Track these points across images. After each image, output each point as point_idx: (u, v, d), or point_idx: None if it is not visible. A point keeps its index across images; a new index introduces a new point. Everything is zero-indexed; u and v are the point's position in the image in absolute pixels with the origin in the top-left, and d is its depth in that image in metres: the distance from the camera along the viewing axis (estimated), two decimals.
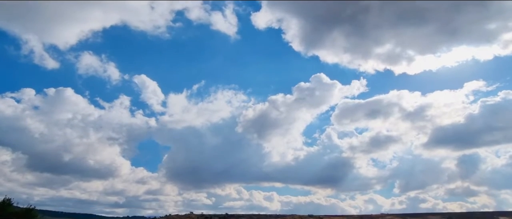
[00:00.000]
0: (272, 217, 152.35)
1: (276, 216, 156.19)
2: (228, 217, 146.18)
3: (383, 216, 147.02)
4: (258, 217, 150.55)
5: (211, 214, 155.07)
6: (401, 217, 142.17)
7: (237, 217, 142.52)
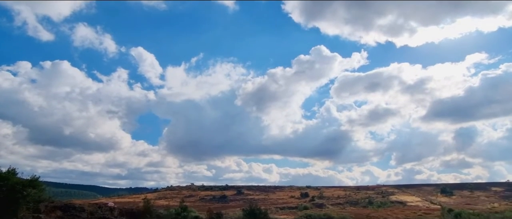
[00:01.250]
0: (271, 188, 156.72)
1: (275, 187, 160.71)
2: (228, 188, 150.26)
3: (378, 187, 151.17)
4: (257, 188, 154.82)
5: (211, 186, 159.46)
6: (396, 188, 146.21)
7: (237, 188, 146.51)
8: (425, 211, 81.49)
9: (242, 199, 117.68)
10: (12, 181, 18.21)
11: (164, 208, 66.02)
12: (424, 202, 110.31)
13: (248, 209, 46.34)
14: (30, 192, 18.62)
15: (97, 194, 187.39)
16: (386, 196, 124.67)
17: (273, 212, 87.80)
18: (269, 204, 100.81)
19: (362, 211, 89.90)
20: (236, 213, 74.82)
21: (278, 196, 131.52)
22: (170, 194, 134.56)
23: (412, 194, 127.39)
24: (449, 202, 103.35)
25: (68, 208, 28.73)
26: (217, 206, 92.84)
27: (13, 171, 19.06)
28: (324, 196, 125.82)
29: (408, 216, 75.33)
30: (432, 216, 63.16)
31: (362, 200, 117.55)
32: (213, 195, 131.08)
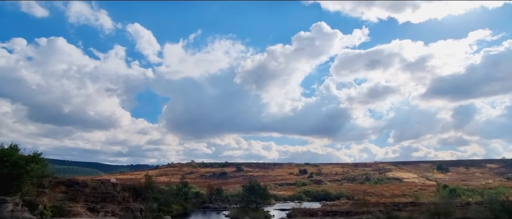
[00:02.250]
0: (270, 165, 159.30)
1: (274, 164, 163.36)
2: (228, 165, 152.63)
3: (376, 164, 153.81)
4: (256, 165, 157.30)
5: (211, 163, 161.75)
6: (393, 164, 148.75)
7: (237, 165, 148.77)
8: (420, 187, 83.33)
9: (242, 176, 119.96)
10: (14, 157, 18.32)
11: (165, 184, 67.30)
12: (420, 178, 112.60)
13: (248, 185, 47.12)
14: (33, 168, 18.80)
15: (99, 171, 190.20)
16: (383, 172, 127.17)
17: (272, 188, 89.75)
18: (268, 181, 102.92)
19: (359, 187, 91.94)
20: (236, 189, 76.43)
21: (277, 173, 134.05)
22: (171, 171, 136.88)
23: (409, 171, 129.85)
24: (445, 179, 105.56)
25: (71, 184, 29.23)
26: (217, 182, 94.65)
27: (15, 147, 19.14)
28: (322, 173, 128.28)
29: (404, 192, 77.10)
30: (428, 192, 64.57)
31: (360, 176, 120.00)
32: (213, 172, 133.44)
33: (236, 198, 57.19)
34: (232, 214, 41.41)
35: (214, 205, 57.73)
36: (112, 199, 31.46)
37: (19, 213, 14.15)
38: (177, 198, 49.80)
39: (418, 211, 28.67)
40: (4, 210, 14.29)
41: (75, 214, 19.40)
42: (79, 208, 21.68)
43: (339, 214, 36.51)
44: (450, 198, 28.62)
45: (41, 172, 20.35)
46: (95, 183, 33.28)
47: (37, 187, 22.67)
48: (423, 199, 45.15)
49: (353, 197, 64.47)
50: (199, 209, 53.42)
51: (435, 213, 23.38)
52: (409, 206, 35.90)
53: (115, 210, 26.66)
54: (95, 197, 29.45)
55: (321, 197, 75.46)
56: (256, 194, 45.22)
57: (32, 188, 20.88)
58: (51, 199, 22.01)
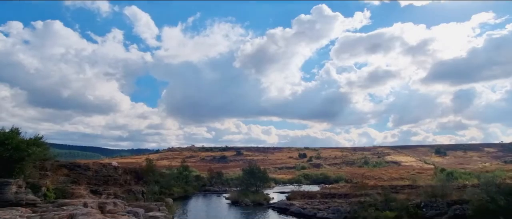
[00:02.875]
0: (270, 149, 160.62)
1: (274, 148, 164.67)
2: (228, 149, 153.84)
3: (375, 148, 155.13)
4: (256, 149, 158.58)
5: (211, 147, 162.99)
6: (392, 149, 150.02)
7: (237, 149, 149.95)
8: (418, 171, 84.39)
9: (242, 160, 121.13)
10: (16, 140, 18.39)
11: (166, 168, 68.07)
12: (418, 162, 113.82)
13: (248, 169, 47.67)
14: (35, 151, 18.91)
15: (100, 155, 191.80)
16: (382, 156, 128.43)
17: (272, 172, 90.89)
18: (268, 165, 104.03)
19: (358, 171, 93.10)
20: (236, 172, 77.40)
21: (277, 157, 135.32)
22: (171, 155, 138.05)
23: (407, 155, 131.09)
24: (442, 162, 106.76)
25: (73, 167, 29.59)
26: (217, 166, 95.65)
27: (16, 130, 19.19)
28: (321, 157, 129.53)
29: (402, 175, 78.15)
30: (425, 175, 65.40)
31: (358, 160, 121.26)
32: (213, 156, 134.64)
33: (236, 181, 57.98)
34: (232, 197, 42.08)
35: (214, 188, 58.59)
36: (114, 182, 31.90)
37: (23, 195, 14.35)
38: (178, 181, 50.50)
39: (415, 193, 29.15)
40: (8, 191, 14.50)
41: (78, 196, 19.72)
42: (82, 190, 22.02)
43: (337, 197, 37.12)
44: (447, 181, 29.02)
45: (43, 155, 20.50)
46: (96, 166, 33.63)
47: (40, 170, 22.91)
48: (420, 182, 45.78)
49: (351, 181, 65.41)
50: (200, 192, 54.24)
51: (432, 195, 23.75)
52: (406, 189, 36.45)
53: (117, 193, 27.08)
54: (97, 180, 29.86)
55: (320, 180, 76.47)
56: (256, 177, 45.81)
57: (35, 171, 21.09)
58: (54, 182, 22.30)
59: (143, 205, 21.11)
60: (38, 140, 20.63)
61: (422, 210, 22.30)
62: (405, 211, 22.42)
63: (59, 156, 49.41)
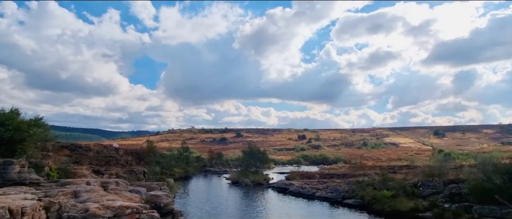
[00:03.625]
0: (269, 131, 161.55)
1: (274, 130, 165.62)
2: (228, 131, 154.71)
3: (374, 129, 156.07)
4: (256, 131, 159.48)
5: (211, 129, 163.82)
6: (390, 130, 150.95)
7: (236, 131, 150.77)
8: (416, 152, 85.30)
9: (241, 141, 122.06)
10: (16, 121, 18.42)
11: (167, 149, 68.70)
12: (416, 143, 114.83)
13: (247, 150, 48.10)
14: (36, 131, 19.00)
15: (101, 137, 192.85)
16: (381, 138, 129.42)
17: (272, 154, 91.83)
18: (268, 146, 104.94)
19: (356, 152, 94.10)
20: (236, 154, 78.20)
21: (276, 139, 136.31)
22: (172, 136, 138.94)
23: (406, 136, 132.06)
24: (440, 144, 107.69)
25: (75, 148, 29.83)
26: (217, 147, 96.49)
27: (16, 111, 19.19)
28: (320, 138, 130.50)
29: (400, 156, 79.07)
30: (423, 156, 66.15)
31: (357, 142, 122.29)
32: (213, 138, 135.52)
33: (236, 162, 58.67)
34: (232, 177, 42.68)
35: (214, 169, 59.36)
36: (116, 163, 32.28)
37: (26, 174, 14.54)
38: (179, 162, 51.07)
39: (413, 173, 29.59)
40: (11, 171, 14.69)
41: (81, 176, 20.00)
42: (84, 170, 22.31)
43: (336, 177, 37.67)
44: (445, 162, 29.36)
45: (44, 135, 20.62)
46: (97, 147, 33.91)
47: (41, 151, 23.11)
48: (418, 163, 46.33)
49: (350, 162, 66.21)
50: (200, 172, 55.00)
51: (429, 175, 24.08)
52: (404, 169, 36.98)
53: (119, 173, 27.44)
54: (98, 161, 30.19)
55: (319, 161, 77.41)
56: (256, 158, 46.29)
57: (37, 152, 21.27)
58: (56, 162, 22.53)
59: (144, 184, 21.44)
60: (38, 121, 20.69)
61: (419, 189, 22.66)
62: (402, 190, 22.78)
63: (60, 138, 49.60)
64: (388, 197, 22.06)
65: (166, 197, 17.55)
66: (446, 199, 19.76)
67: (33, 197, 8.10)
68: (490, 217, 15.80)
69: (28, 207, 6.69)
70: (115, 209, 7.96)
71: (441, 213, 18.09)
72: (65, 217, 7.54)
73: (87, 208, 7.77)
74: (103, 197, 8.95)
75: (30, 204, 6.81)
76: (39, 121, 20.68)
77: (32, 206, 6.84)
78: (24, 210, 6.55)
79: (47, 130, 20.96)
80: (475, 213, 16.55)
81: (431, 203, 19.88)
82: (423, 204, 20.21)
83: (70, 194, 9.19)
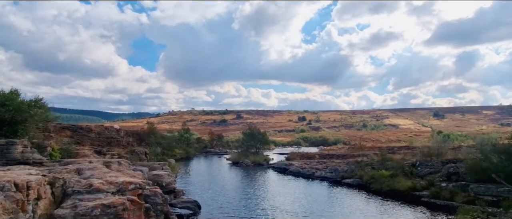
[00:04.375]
0: (269, 112, 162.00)
1: (274, 111, 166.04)
2: (228, 113, 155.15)
3: (374, 111, 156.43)
4: (256, 112, 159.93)
5: (211, 110, 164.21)
6: (390, 111, 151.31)
7: (237, 112, 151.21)
8: (415, 133, 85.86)
9: (242, 123, 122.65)
10: (17, 102, 18.39)
11: (167, 131, 69.15)
12: (416, 125, 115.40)
13: (248, 132, 48.40)
14: (37, 112, 19.02)
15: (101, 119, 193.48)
16: (380, 119, 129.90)
17: (272, 135, 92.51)
18: (268, 128, 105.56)
19: (356, 133, 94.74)
20: (236, 135, 78.78)
21: (277, 120, 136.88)
22: (172, 118, 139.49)
23: (406, 118, 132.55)
24: (440, 125, 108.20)
25: (76, 129, 30.02)
26: (217, 129, 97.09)
27: (16, 92, 19.13)
28: (320, 120, 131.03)
29: (400, 137, 79.69)
30: (422, 138, 66.68)
31: (357, 123, 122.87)
32: (213, 119, 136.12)
33: (236, 143, 59.21)
34: (233, 158, 43.17)
35: (215, 150, 59.98)
36: (117, 143, 32.57)
37: (29, 154, 14.70)
38: (180, 143, 51.54)
39: (412, 154, 29.92)
40: (14, 151, 14.83)
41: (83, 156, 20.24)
42: (86, 151, 22.57)
43: (335, 157, 38.12)
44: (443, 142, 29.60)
45: (45, 116, 20.66)
46: (99, 128, 34.12)
47: (43, 131, 23.24)
48: (417, 144, 46.72)
49: (349, 143, 66.83)
50: (201, 153, 55.63)
51: (427, 155, 24.34)
52: (403, 150, 37.36)
53: (121, 153, 27.74)
54: (100, 141, 30.45)
55: (319, 142, 78.09)
56: (256, 139, 46.65)
57: (38, 132, 21.38)
58: (58, 143, 22.72)
59: (146, 164, 21.72)
60: (39, 101, 20.68)
61: (417, 169, 22.97)
62: (401, 170, 23.10)
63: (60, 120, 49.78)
64: (387, 176, 22.40)
65: (167, 176, 17.82)
66: (443, 178, 20.06)
67: (38, 172, 8.24)
68: (486, 195, 16.07)
69: (33, 181, 6.82)
70: (118, 184, 8.13)
71: (438, 191, 18.42)
72: (69, 192, 7.70)
73: (91, 183, 7.94)
74: (106, 174, 9.11)
75: (35, 179, 6.93)
76: (39, 101, 20.67)
77: (37, 181, 6.97)
78: (30, 184, 6.68)
79: (47, 111, 20.97)
80: (472, 192, 16.83)
81: (428, 182, 20.21)
82: (420, 183, 20.55)
83: (74, 171, 9.35)
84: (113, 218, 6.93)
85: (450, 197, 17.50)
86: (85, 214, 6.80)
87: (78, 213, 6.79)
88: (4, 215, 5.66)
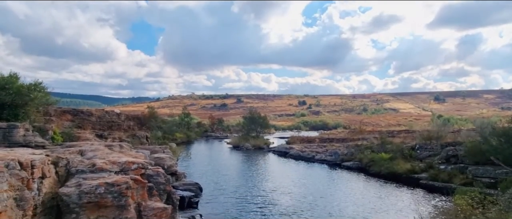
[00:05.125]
0: (270, 97, 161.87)
1: (274, 96, 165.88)
2: (228, 97, 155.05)
3: (374, 95, 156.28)
4: (256, 97, 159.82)
5: (212, 95, 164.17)
6: (391, 96, 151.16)
7: (237, 97, 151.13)
8: (416, 117, 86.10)
9: (242, 107, 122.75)
10: (15, 85, 18.31)
11: (168, 115, 69.30)
12: (416, 109, 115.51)
13: (248, 116, 48.53)
14: (37, 95, 18.99)
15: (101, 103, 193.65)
16: (381, 103, 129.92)
17: (272, 119, 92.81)
18: (268, 112, 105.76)
19: (356, 117, 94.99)
20: (236, 119, 79.02)
21: (277, 104, 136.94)
22: (172, 103, 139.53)
23: (406, 102, 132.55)
24: (440, 109, 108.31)
25: (76, 113, 30.07)
26: (218, 113, 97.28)
27: (15, 75, 19.04)
28: (320, 104, 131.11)
29: (400, 121, 79.90)
30: (422, 122, 66.81)
31: (357, 107, 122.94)
32: (213, 104, 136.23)
33: (237, 127, 59.50)
34: (233, 142, 43.47)
35: (216, 134, 60.31)
36: (118, 127, 32.71)
37: (31, 138, 14.79)
38: (180, 127, 51.77)
39: (411, 137, 30.09)
40: (16, 134, 14.91)
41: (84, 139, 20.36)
42: (88, 134, 22.70)
43: (335, 141, 38.37)
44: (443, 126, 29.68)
45: (45, 100, 20.64)
46: (99, 112, 34.16)
47: (44, 115, 23.26)
48: (417, 128, 46.87)
49: (349, 127, 67.08)
50: (202, 137, 55.97)
51: (427, 138, 24.49)
52: (403, 133, 37.53)
53: (122, 137, 27.90)
54: (101, 125, 30.56)
55: (319, 127, 78.38)
56: (257, 123, 46.84)
57: (39, 116, 21.41)
58: (59, 126, 22.79)
59: (148, 147, 21.87)
60: (38, 84, 20.61)
61: (416, 152, 23.17)
62: (400, 153, 23.31)
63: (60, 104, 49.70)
64: (386, 159, 22.61)
65: (169, 159, 17.97)
66: (442, 161, 20.25)
67: (41, 152, 8.32)
68: (484, 177, 16.26)
69: (37, 160, 6.90)
70: (121, 164, 8.23)
71: (436, 174, 18.64)
72: (73, 171, 7.81)
73: (94, 163, 8.03)
74: (108, 155, 9.21)
75: (38, 158, 7.02)
76: (39, 85, 20.59)
77: (40, 160, 7.06)
78: (33, 163, 6.76)
79: (47, 94, 20.92)
80: (470, 174, 17.02)
81: (427, 164, 20.42)
82: (419, 166, 20.77)
83: (76, 152, 9.45)
84: (117, 196, 7.05)
85: (448, 179, 17.72)
86: (89, 192, 6.91)
87: (83, 191, 6.90)
88: (10, 191, 5.77)
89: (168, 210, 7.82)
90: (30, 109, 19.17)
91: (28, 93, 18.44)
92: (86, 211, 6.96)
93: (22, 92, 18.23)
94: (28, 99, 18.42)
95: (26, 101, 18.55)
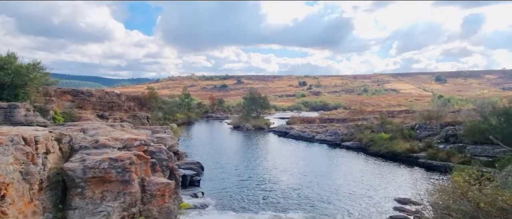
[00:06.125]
0: (270, 77, 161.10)
1: (274, 76, 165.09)
2: (228, 78, 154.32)
3: (375, 75, 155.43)
4: (256, 77, 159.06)
5: (212, 76, 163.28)
6: (392, 76, 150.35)
7: (237, 78, 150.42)
8: (416, 98, 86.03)
9: (242, 88, 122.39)
10: (14, 65, 18.18)
11: (168, 97, 69.21)
12: (417, 89, 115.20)
13: (249, 96, 48.45)
14: (36, 75, 18.90)
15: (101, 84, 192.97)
16: (382, 84, 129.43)
17: (272, 100, 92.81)
18: (268, 92, 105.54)
19: (357, 98, 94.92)
20: (237, 100, 79.05)
21: (277, 85, 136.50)
22: (172, 84, 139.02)
23: (407, 82, 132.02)
24: (441, 90, 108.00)
25: (77, 93, 30.03)
26: (218, 94, 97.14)
27: (13, 55, 18.86)
28: (321, 85, 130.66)
29: (400, 102, 79.91)
30: (423, 102, 66.85)
31: (358, 88, 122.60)
32: (214, 85, 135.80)
33: (237, 108, 59.58)
34: (234, 122, 43.65)
35: (216, 115, 60.49)
36: (119, 108, 32.76)
37: (32, 118, 14.86)
38: (181, 108, 51.83)
39: (411, 117, 30.22)
40: (17, 114, 14.96)
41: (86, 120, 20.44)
42: (89, 115, 22.76)
43: (335, 121, 38.54)
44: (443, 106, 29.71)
45: (45, 80, 20.57)
46: (99, 93, 34.10)
47: (44, 96, 23.24)
48: (417, 108, 46.93)
49: (350, 107, 67.17)
50: (202, 118, 56.18)
51: (427, 118, 24.58)
52: (403, 113, 37.67)
53: (123, 118, 28.01)
54: (101, 106, 30.59)
55: (319, 107, 78.52)
56: (257, 103, 46.87)
57: (39, 96, 21.40)
58: (60, 107, 22.84)
59: (149, 127, 21.97)
60: (37, 65, 20.46)
61: (416, 132, 23.32)
62: (400, 133, 23.45)
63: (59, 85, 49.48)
64: (385, 139, 22.76)
65: (170, 139, 18.10)
66: (441, 141, 20.42)
67: (44, 129, 8.39)
68: (482, 156, 16.45)
69: (41, 136, 6.97)
70: (124, 141, 8.32)
71: (435, 153, 18.84)
72: (76, 147, 7.90)
73: (97, 139, 8.12)
74: (111, 132, 9.29)
75: (42, 134, 7.09)
76: (37, 65, 20.45)
77: (44, 136, 7.13)
78: (37, 139, 6.83)
79: (46, 74, 20.83)
80: (468, 153, 17.21)
81: (426, 144, 20.60)
82: (418, 145, 20.96)
83: (78, 130, 9.52)
84: (121, 171, 7.16)
85: (446, 158, 17.93)
86: (93, 167, 7.01)
87: (87, 166, 7.00)
88: (16, 164, 5.86)
89: (171, 185, 7.96)
90: (29, 89, 19.13)
91: (27, 73, 18.34)
92: (91, 185, 7.09)
93: (21, 72, 18.12)
94: (27, 79, 18.34)
95: (26, 81, 18.47)
